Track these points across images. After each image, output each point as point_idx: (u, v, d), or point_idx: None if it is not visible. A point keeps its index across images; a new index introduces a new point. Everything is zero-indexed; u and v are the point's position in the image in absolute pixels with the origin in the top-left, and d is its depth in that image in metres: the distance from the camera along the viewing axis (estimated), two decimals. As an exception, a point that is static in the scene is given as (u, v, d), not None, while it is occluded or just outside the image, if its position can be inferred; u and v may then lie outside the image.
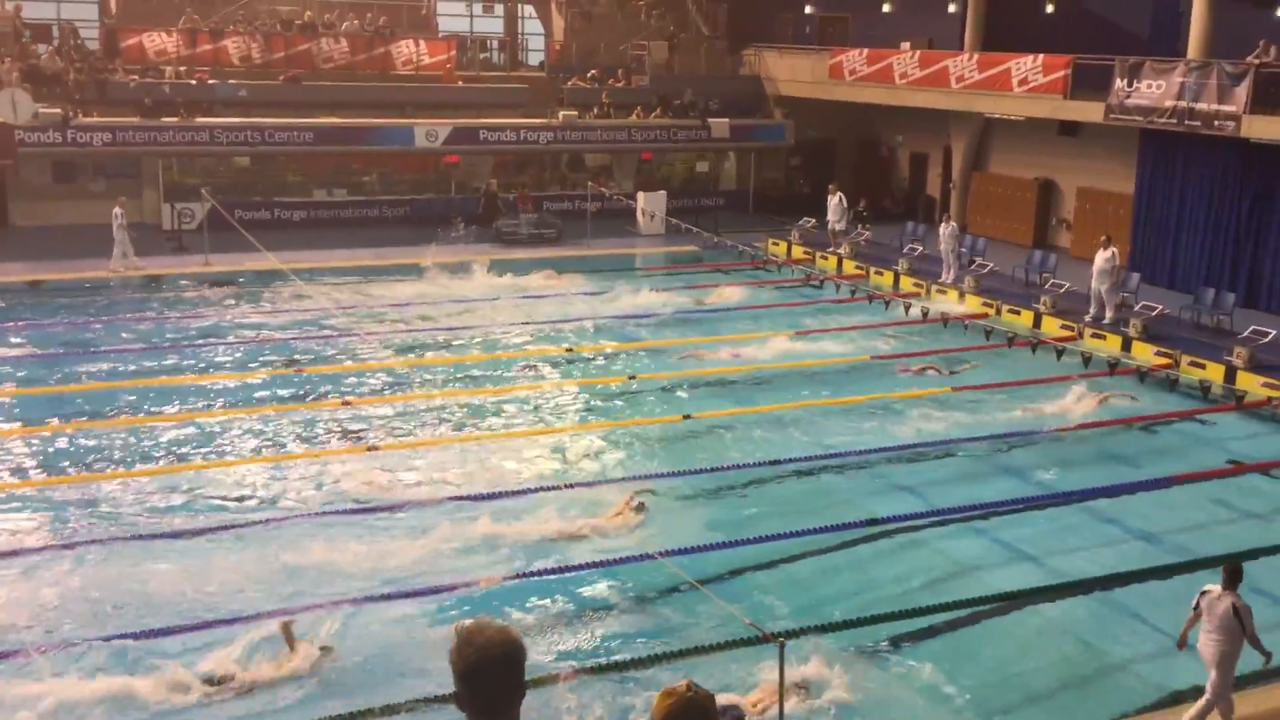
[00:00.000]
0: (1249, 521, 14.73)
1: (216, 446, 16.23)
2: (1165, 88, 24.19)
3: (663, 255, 30.51)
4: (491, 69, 38.56)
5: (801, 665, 10.46)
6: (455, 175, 34.20)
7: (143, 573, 12.28)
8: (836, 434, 17.33)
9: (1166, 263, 26.42)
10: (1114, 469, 16.21)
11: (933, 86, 30.68)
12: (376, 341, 21.05)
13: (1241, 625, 9.44)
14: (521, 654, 3.46)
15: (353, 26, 34.86)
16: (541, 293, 25.70)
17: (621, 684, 10.52)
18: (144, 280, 25.73)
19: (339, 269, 26.99)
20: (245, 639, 10.76)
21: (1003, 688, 10.81)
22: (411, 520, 13.78)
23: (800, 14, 39.45)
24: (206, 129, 30.49)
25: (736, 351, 21.19)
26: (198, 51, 32.76)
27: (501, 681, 3.45)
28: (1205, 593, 9.73)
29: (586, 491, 14.68)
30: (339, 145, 32.03)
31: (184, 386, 18.70)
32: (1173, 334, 21.88)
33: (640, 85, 36.45)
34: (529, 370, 20.30)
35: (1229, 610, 9.46)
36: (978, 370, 20.61)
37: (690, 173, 37.07)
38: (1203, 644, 9.67)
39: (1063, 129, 29.27)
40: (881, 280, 27.43)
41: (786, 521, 13.88)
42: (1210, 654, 9.60)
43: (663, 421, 17.66)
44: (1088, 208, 29.55)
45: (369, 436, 16.67)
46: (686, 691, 3.49)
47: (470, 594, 11.93)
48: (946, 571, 13.04)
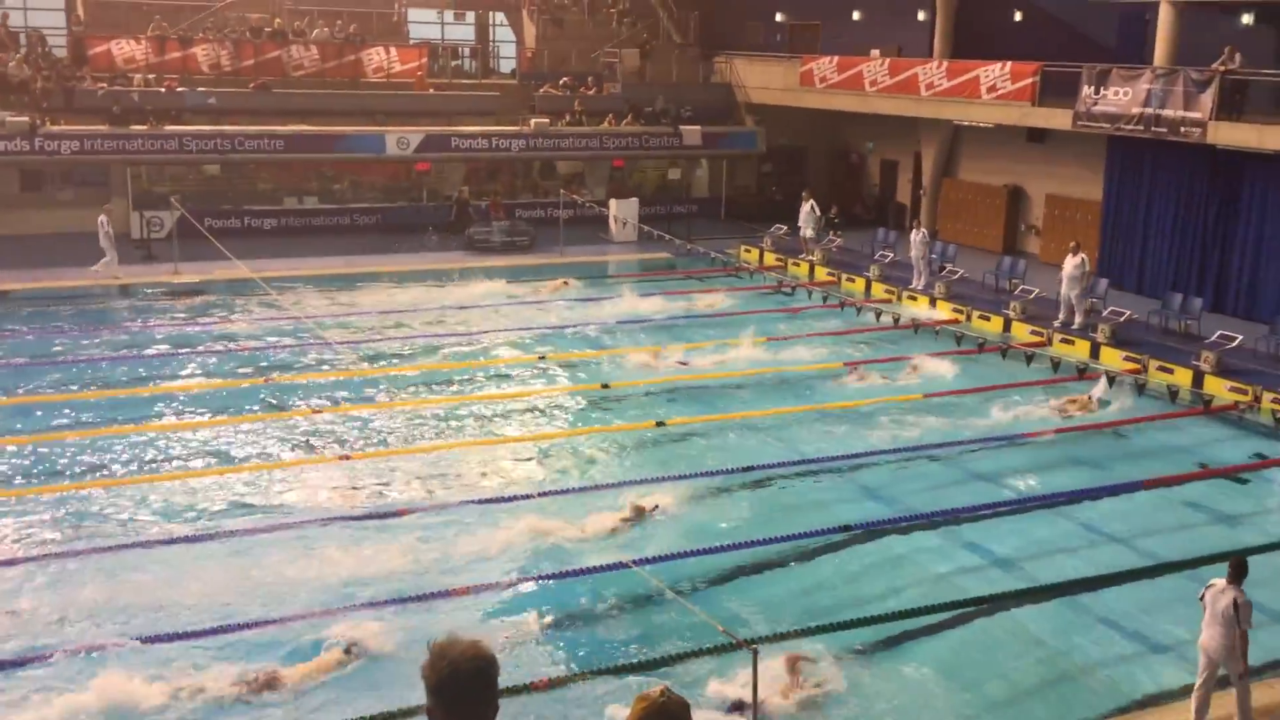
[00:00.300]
0: (1217, 525, 14.86)
1: (183, 456, 16.13)
2: (1132, 95, 24.42)
3: (635, 263, 30.54)
4: (463, 76, 38.51)
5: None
6: (427, 183, 34.13)
7: (118, 582, 12.21)
8: (808, 440, 17.40)
9: (1134, 268, 26.66)
10: (1083, 473, 16.34)
11: (902, 94, 30.86)
12: (348, 349, 20.95)
13: (1237, 618, 9.65)
14: (494, 669, 3.46)
15: (323, 34, 34.75)
16: (520, 300, 25.68)
17: (595, 692, 10.51)
18: (115, 289, 25.52)
19: (310, 277, 26.86)
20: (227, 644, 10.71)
21: (974, 691, 10.87)
22: (382, 529, 13.74)
23: (771, 21, 39.64)
24: (175, 137, 30.31)
25: (685, 360, 21.08)
26: (166, 59, 32.57)
27: (475, 696, 3.44)
28: (1210, 586, 9.95)
29: (559, 499, 14.68)
30: (309, 153, 31.89)
31: (151, 396, 18.56)
32: (1141, 339, 22.08)
33: (612, 92, 36.50)
34: (503, 377, 20.27)
35: (1230, 605, 9.68)
36: (953, 377, 20.71)
37: (662, 180, 37.14)
38: (1205, 637, 9.88)
39: (1031, 136, 29.50)
40: (853, 287, 27.55)
41: (759, 528, 13.92)
42: (1214, 647, 9.80)
43: (636, 428, 17.67)
44: (1056, 214, 29.79)
45: (341, 446, 16.60)
46: (660, 697, 3.52)
47: (444, 602, 11.91)
48: (919, 577, 13.10)
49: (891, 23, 34.97)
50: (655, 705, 3.50)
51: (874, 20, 35.86)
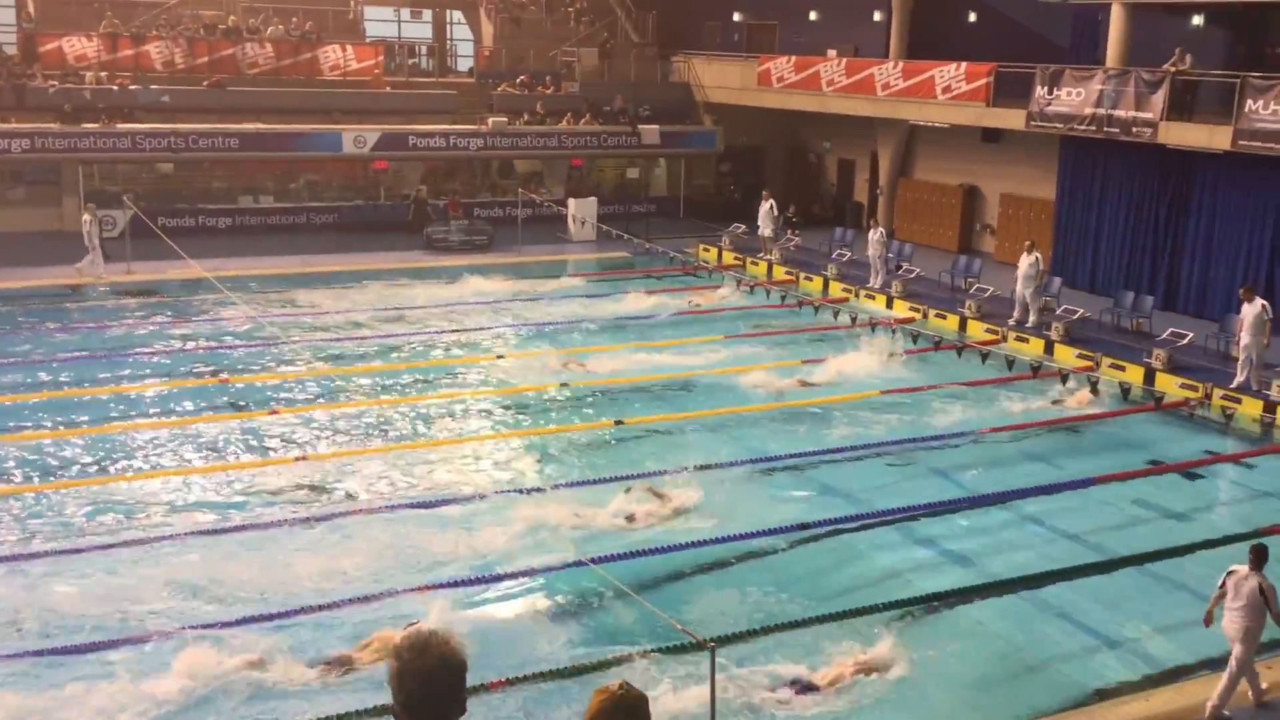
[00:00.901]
0: (1169, 520, 15.06)
1: (137, 457, 15.96)
2: (1085, 95, 24.72)
3: (594, 262, 30.52)
4: (420, 74, 38.34)
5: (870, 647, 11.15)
6: (384, 181, 33.96)
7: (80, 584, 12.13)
8: (765, 438, 17.46)
9: (1087, 267, 26.98)
10: (1036, 469, 16.50)
11: (859, 94, 31.05)
12: (304, 349, 20.80)
13: (1267, 603, 9.97)
14: (464, 668, 3.43)
15: (278, 31, 34.48)
16: (479, 299, 25.61)
17: (559, 691, 10.51)
18: (67, 290, 25.21)
19: (266, 276, 26.64)
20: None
21: (934, 686, 10.95)
22: (337, 529, 13.68)
23: (728, 21, 39.76)
24: (128, 135, 29.96)
25: (623, 360, 21.18)
26: (119, 56, 32.20)
27: (444, 694, 3.39)
28: (1232, 572, 10.23)
29: (522, 497, 14.66)
30: (265, 151, 31.62)
31: (103, 398, 18.35)
32: (1094, 337, 22.35)
33: (570, 91, 36.47)
34: (458, 376, 20.19)
35: (1255, 589, 9.99)
36: (913, 374, 20.87)
37: (621, 179, 37.16)
38: (1227, 621, 10.15)
39: (986, 136, 29.77)
40: (811, 286, 27.68)
41: (717, 526, 13.97)
42: (1235, 630, 10.07)
43: (593, 427, 17.67)
44: (1010, 213, 30.08)
45: (299, 446, 16.49)
46: (618, 690, 3.55)
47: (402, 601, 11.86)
48: (874, 573, 13.18)
49: (848, 23, 35.18)
50: (614, 697, 3.53)
51: (831, 21, 36.06)
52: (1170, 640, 11.83)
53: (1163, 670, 11.27)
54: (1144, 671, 11.25)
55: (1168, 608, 12.49)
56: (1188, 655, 11.52)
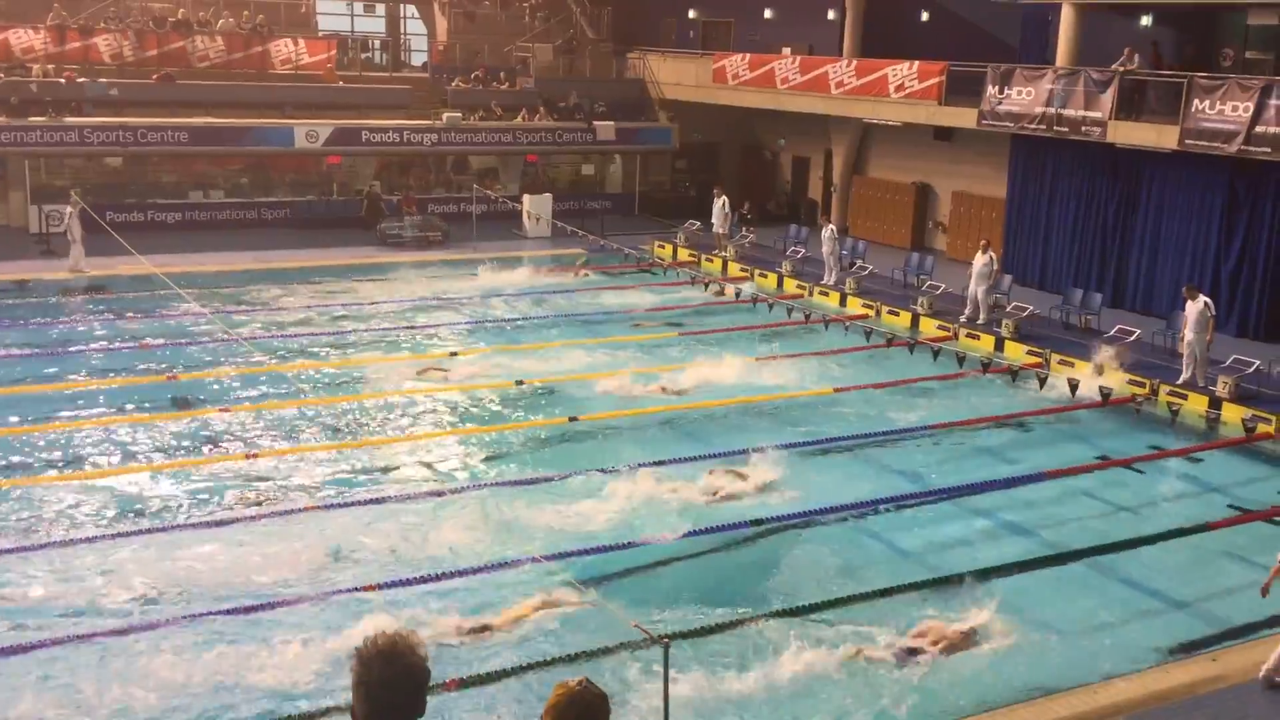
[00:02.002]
0: (1119, 514, 15.28)
1: (86, 455, 15.77)
2: (1035, 94, 25.00)
3: (549, 258, 30.46)
4: (373, 69, 38.08)
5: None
6: (337, 177, 33.73)
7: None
8: (720, 435, 17.51)
9: (1037, 264, 27.29)
10: (987, 465, 16.68)
11: (813, 91, 31.21)
12: (254, 346, 20.61)
13: None
14: (427, 675, 3.44)
15: (228, 24, 34.13)
16: (436, 296, 25.51)
17: (518, 691, 10.51)
18: (11, 285, 24.83)
19: (217, 273, 26.39)
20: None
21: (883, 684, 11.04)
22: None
23: (684, 18, 39.83)
24: (76, 129, 29.57)
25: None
26: (66, 49, 31.73)
27: (406, 699, 3.41)
28: None
29: (469, 494, 14.65)
30: (215, 146, 31.30)
31: (50, 395, 18.11)
32: (1043, 334, 22.63)
33: (525, 87, 36.38)
34: (417, 373, 20.10)
35: None
36: (858, 371, 21.03)
37: (576, 175, 37.13)
38: None
39: (938, 134, 30.03)
40: (765, 283, 27.80)
41: (673, 522, 14.01)
42: None
43: (550, 424, 17.67)
44: (962, 211, 30.38)
45: (248, 444, 16.36)
46: (577, 687, 3.60)
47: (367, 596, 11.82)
48: (825, 570, 13.26)
49: (802, 21, 35.36)
50: (573, 694, 3.60)
51: (785, 19, 36.22)
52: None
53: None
54: (1101, 669, 11.40)
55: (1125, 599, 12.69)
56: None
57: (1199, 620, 12.37)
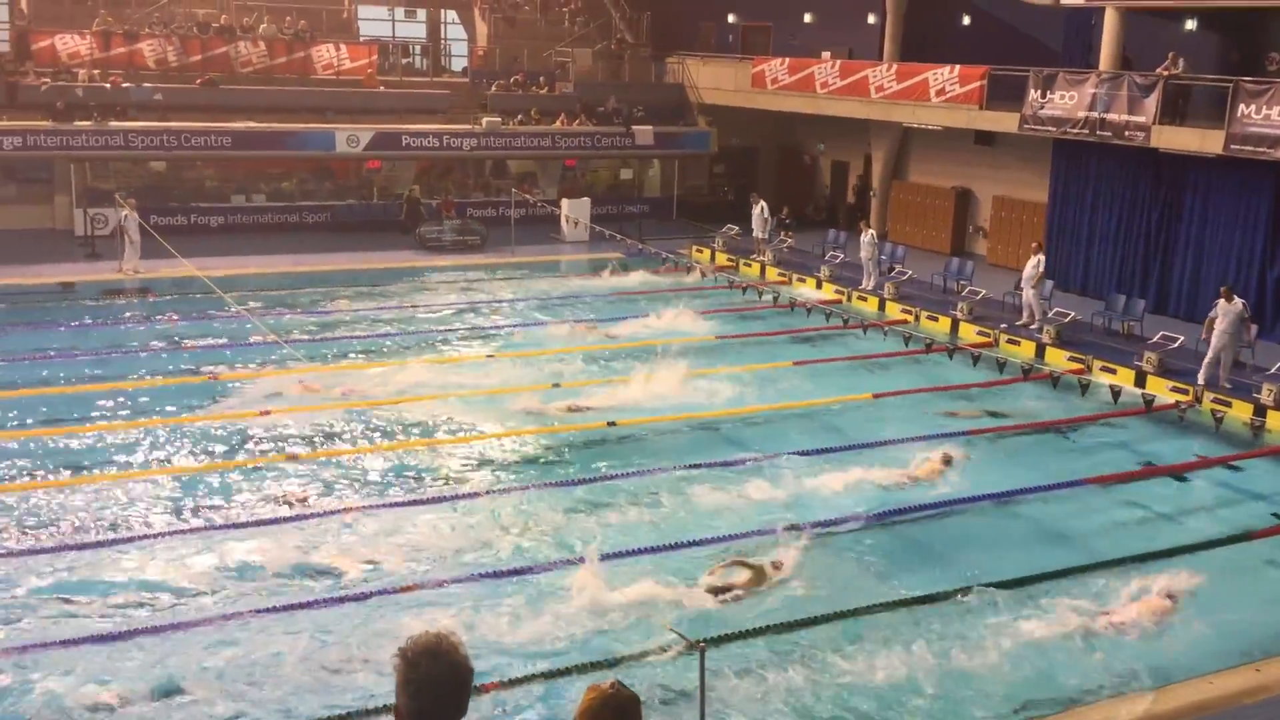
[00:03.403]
0: (1161, 522, 15.10)
1: (130, 456, 15.95)
2: (1077, 99, 24.78)
3: (587, 262, 30.53)
4: (414, 74, 38.34)
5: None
6: (377, 181, 33.95)
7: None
8: (763, 440, 17.46)
9: (1079, 270, 27.04)
10: (1027, 471, 16.53)
11: (853, 96, 31.11)
12: (296, 349, 20.76)
13: None
14: (471, 674, 3.44)
15: (271, 30, 34.44)
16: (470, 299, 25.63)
17: (549, 693, 10.52)
18: (61, 287, 25.14)
19: (258, 276, 26.60)
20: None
21: (914, 688, 10.97)
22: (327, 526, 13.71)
23: (723, 23, 39.83)
24: (120, 133, 29.93)
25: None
26: (112, 54, 32.14)
27: (451, 700, 3.41)
28: None
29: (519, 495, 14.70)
30: (257, 150, 31.60)
31: (94, 394, 18.32)
32: (1085, 340, 22.42)
33: (564, 92, 36.48)
34: (451, 374, 20.17)
35: None
36: (897, 375, 20.93)
37: (614, 180, 37.18)
38: None
39: (979, 139, 29.84)
40: (804, 287, 27.71)
41: (711, 526, 14.02)
42: None
43: (589, 428, 17.68)
44: (1003, 216, 30.15)
45: (289, 445, 16.49)
46: (609, 689, 3.60)
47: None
48: (861, 576, 13.19)
49: (842, 25, 35.26)
50: (605, 696, 3.60)
51: (825, 23, 36.14)
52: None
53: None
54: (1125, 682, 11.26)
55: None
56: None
57: (1241, 630, 12.18)
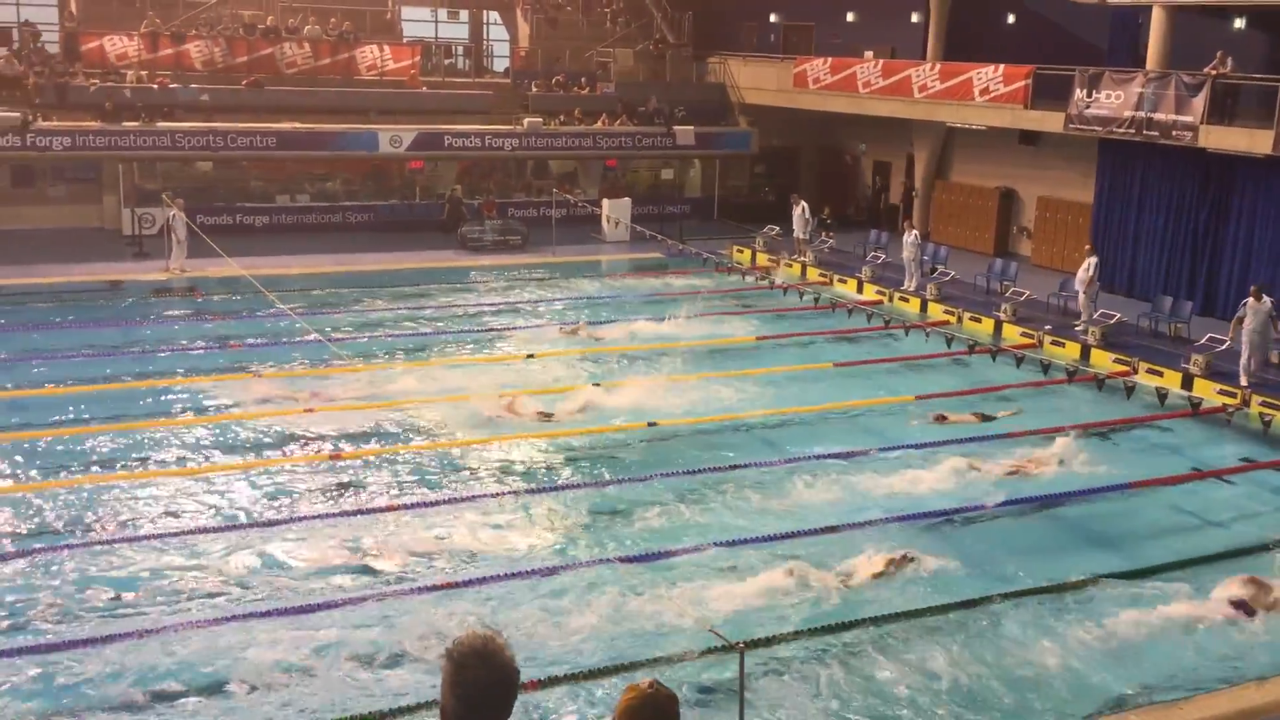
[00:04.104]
0: (1209, 527, 14.90)
1: (173, 453, 16.13)
2: (1124, 98, 24.50)
3: (627, 262, 30.56)
4: (456, 74, 38.53)
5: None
6: (419, 181, 34.13)
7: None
8: (802, 441, 17.40)
9: (1125, 271, 26.74)
10: (1072, 474, 16.36)
11: (895, 95, 30.93)
12: (339, 346, 20.90)
13: None
14: (518, 676, 3.43)
15: (315, 31, 34.72)
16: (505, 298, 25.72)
17: (586, 694, 10.53)
18: (105, 285, 25.47)
19: (302, 275, 26.81)
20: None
21: (958, 690, 10.89)
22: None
23: (765, 22, 39.71)
24: (168, 134, 30.27)
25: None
26: (159, 55, 32.51)
27: (499, 702, 3.39)
28: None
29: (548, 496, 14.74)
30: (302, 150, 31.86)
31: (142, 391, 18.54)
32: (1131, 342, 22.16)
33: (605, 92, 36.52)
34: (490, 373, 20.24)
35: None
36: (939, 377, 20.81)
37: (655, 180, 37.17)
38: None
39: (1023, 138, 29.57)
40: (844, 288, 27.59)
41: (759, 526, 14.00)
42: None
43: (629, 429, 17.68)
44: (1048, 216, 29.86)
45: (334, 444, 16.61)
46: (648, 689, 3.59)
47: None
48: (909, 577, 13.10)
49: (885, 24, 35.06)
50: (644, 695, 3.59)
51: (868, 22, 35.95)
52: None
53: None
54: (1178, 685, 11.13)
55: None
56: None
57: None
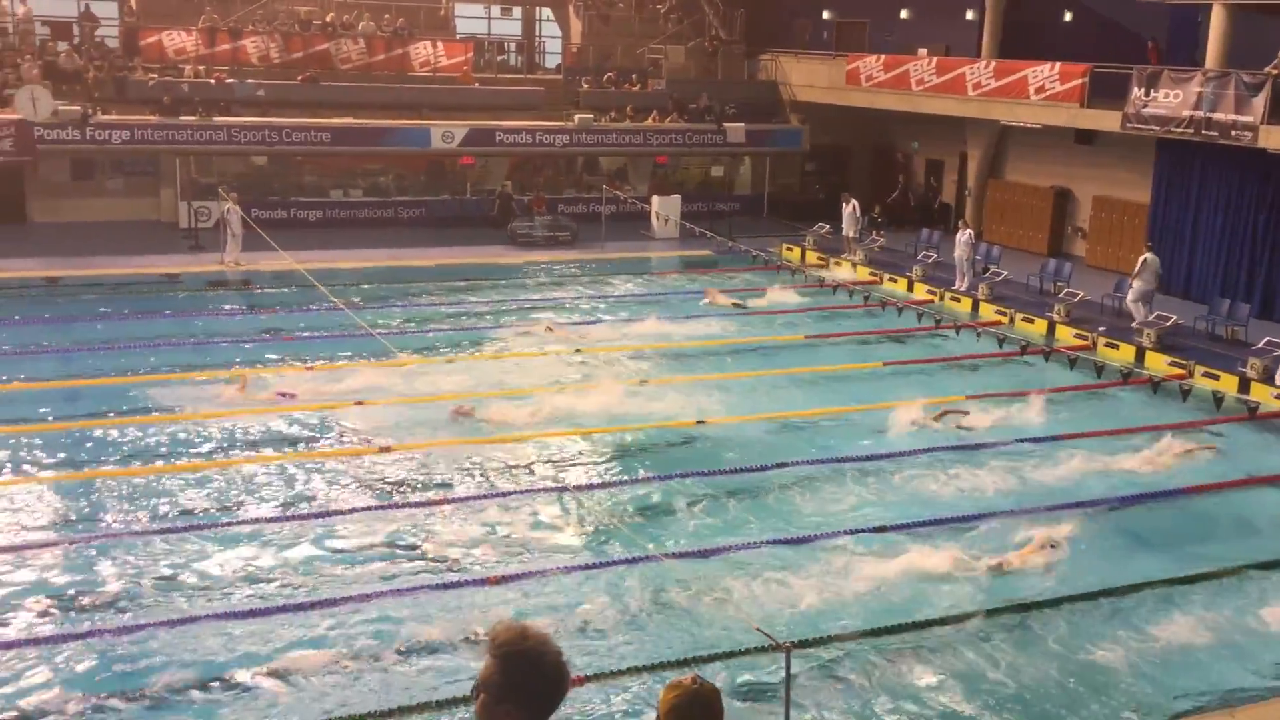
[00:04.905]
0: (1268, 532, 14.66)
1: (226, 444, 16.33)
2: (1183, 97, 24.14)
3: (676, 259, 30.53)
4: (508, 71, 38.68)
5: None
6: (470, 177, 34.30)
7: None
8: (848, 437, 17.32)
9: (1182, 273, 26.35)
10: (1126, 479, 16.16)
11: (949, 93, 30.66)
12: (389, 340, 21.04)
13: None
14: (568, 675, 3.38)
15: (370, 27, 34.98)
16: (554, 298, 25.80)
17: (628, 691, 10.54)
18: (163, 278, 25.83)
19: (353, 270, 27.04)
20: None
21: (1002, 697, 10.79)
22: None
23: (818, 19, 39.51)
24: (224, 128, 30.62)
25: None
26: (216, 50, 32.91)
27: (549, 699, 3.35)
28: None
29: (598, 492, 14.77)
30: (355, 145, 32.10)
31: (194, 383, 18.78)
32: (1186, 344, 21.84)
33: (656, 89, 36.50)
34: (544, 370, 20.29)
35: None
36: (991, 378, 20.63)
37: (705, 177, 37.11)
38: None
39: (1079, 137, 29.22)
40: (895, 287, 27.41)
41: (803, 525, 13.95)
42: None
43: (675, 426, 17.67)
44: (1103, 216, 29.48)
45: (381, 436, 16.75)
46: (691, 684, 3.57)
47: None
48: (958, 579, 13.00)
49: (939, 22, 34.78)
50: (688, 692, 3.57)
51: (922, 19, 35.67)
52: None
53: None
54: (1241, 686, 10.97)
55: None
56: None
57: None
